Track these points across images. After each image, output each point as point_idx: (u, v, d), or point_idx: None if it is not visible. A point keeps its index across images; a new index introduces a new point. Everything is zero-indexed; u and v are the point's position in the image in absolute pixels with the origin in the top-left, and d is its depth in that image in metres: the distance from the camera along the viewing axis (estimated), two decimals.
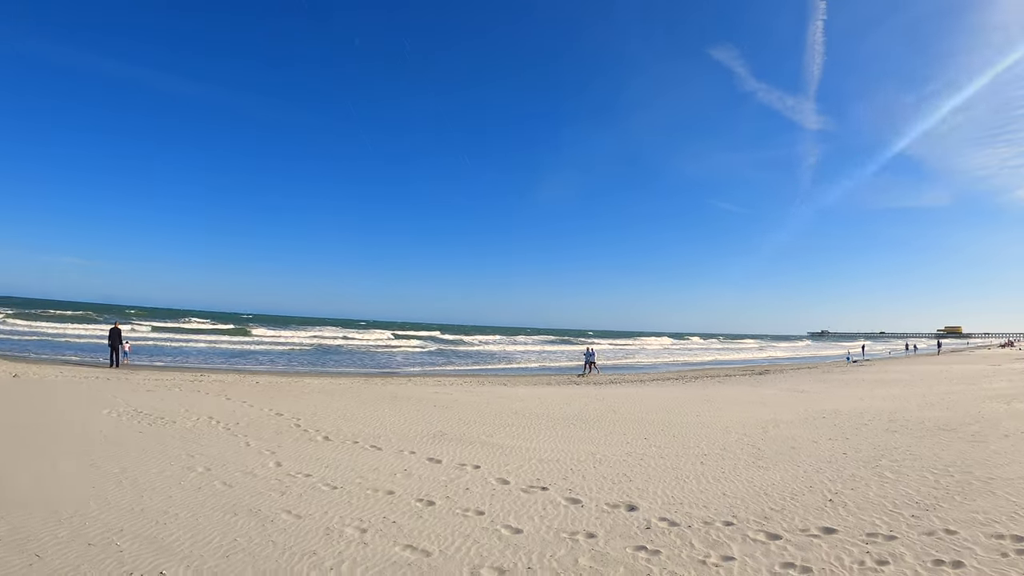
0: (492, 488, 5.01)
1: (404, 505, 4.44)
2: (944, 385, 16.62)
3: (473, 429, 8.03)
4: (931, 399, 12.92)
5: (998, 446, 7.18)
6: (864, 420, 9.74)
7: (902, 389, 15.65)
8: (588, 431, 8.27)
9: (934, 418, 9.81)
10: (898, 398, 13.35)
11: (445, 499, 4.63)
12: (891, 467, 6.25)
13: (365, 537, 3.71)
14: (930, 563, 3.65)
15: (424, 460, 6.00)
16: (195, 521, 3.84)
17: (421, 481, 5.15)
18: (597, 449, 6.93)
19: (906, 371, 23.16)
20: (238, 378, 14.96)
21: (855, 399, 13.22)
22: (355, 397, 11.22)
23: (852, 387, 16.64)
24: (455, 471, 5.59)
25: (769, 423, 9.34)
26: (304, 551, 3.44)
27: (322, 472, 5.33)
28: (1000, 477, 5.63)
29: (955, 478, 5.68)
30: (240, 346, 31.21)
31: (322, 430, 7.40)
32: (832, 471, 6.03)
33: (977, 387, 15.61)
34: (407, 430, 7.78)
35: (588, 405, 11.24)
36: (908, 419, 9.78)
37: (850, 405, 11.96)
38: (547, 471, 5.71)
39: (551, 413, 9.93)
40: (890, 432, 8.53)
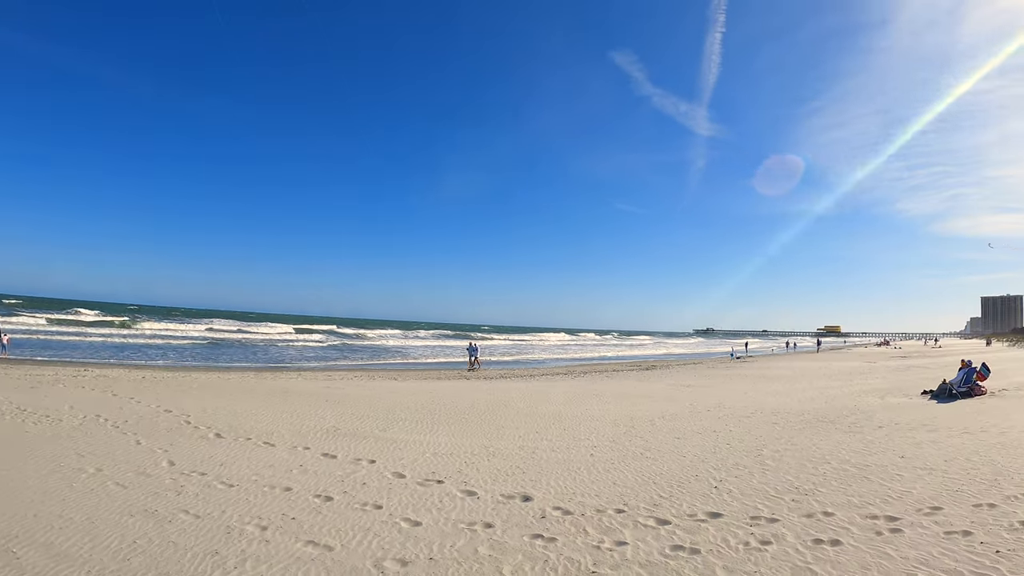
0: (389, 482, 6.31)
1: (302, 501, 5.52)
2: (823, 381, 21.78)
3: (366, 424, 10.01)
4: (810, 394, 16.81)
5: (872, 436, 9.58)
6: (747, 413, 12.37)
7: (783, 384, 20.14)
8: (480, 425, 10.36)
9: (813, 411, 12.76)
10: (779, 393, 17.11)
11: (343, 494, 5.79)
12: (772, 456, 8.04)
13: (266, 535, 4.62)
14: (810, 542, 4.70)
15: (319, 456, 7.48)
16: (91, 525, 4.70)
17: (317, 477, 6.43)
18: (490, 443, 8.67)
19: (787, 367, 30.35)
20: (123, 373, 17.68)
21: (739, 393, 16.71)
22: (246, 393, 13.62)
23: (736, 382, 21.10)
24: (351, 466, 6.99)
25: (656, 416, 11.62)
26: (206, 551, 4.27)
27: (217, 470, 6.58)
28: (874, 464, 7.50)
29: (832, 465, 7.45)
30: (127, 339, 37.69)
31: (214, 427, 9.16)
32: (717, 460, 7.66)
33: (854, 383, 20.66)
34: (300, 425, 9.69)
35: (480, 399, 13.89)
36: (789, 412, 12.62)
37: (734, 399, 15.11)
38: (442, 464, 7.18)
39: (443, 407, 12.26)
40: (772, 424, 10.96)
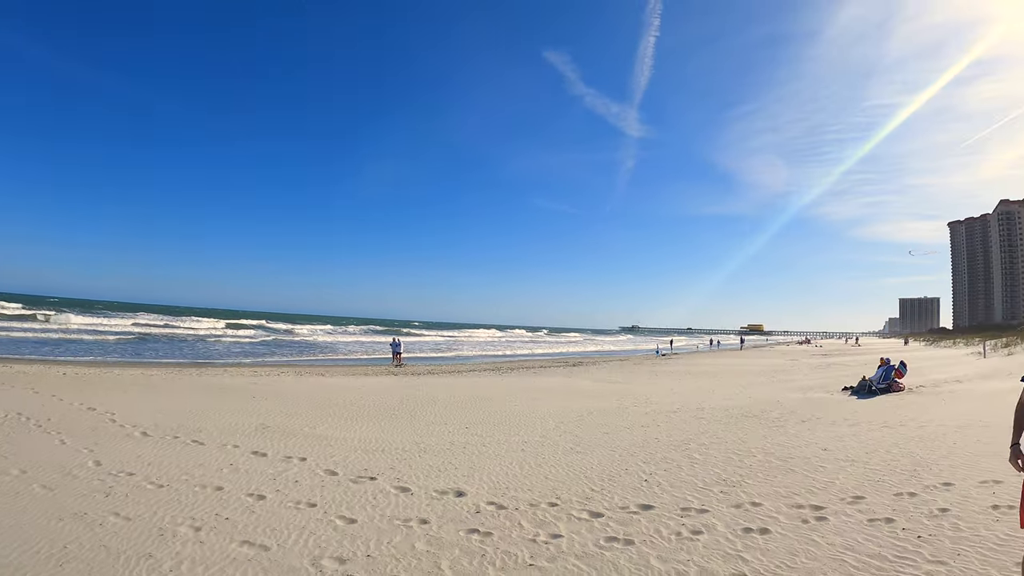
0: (321, 480, 7.11)
1: (235, 500, 6.13)
2: (747, 377, 24.95)
3: (295, 421, 11.33)
4: (735, 390, 19.27)
5: (796, 430, 11.12)
6: (673, 409, 14.22)
7: (708, 381, 23.06)
8: (410, 421, 11.85)
9: (737, 407, 14.64)
10: (704, 389, 19.52)
11: (275, 492, 6.50)
12: (700, 450, 9.29)
13: (200, 535, 5.12)
14: (740, 531, 5.58)
15: (249, 454, 8.37)
16: (19, 530, 5.13)
17: (249, 475, 7.19)
18: (420, 439, 9.94)
19: (712, 365, 35.34)
20: (44, 369, 19.59)
21: (665, 390, 19.09)
22: (172, 389, 15.50)
23: (662, 378, 24.03)
24: (282, 464, 7.87)
25: (584, 412, 13.52)
26: (140, 554, 4.72)
27: (145, 470, 7.31)
28: (798, 456, 8.79)
29: (758, 458, 8.67)
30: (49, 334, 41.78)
31: (140, 425, 10.24)
32: (646, 455, 8.90)
33: (776, 379, 23.88)
34: (228, 423, 10.87)
35: (408, 395, 16.15)
36: (714, 408, 14.45)
37: (660, 395, 17.28)
38: (373, 461, 8.15)
39: (372, 404, 14.22)
40: (698, 419, 12.56)
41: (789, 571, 4.64)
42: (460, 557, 4.86)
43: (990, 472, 7.35)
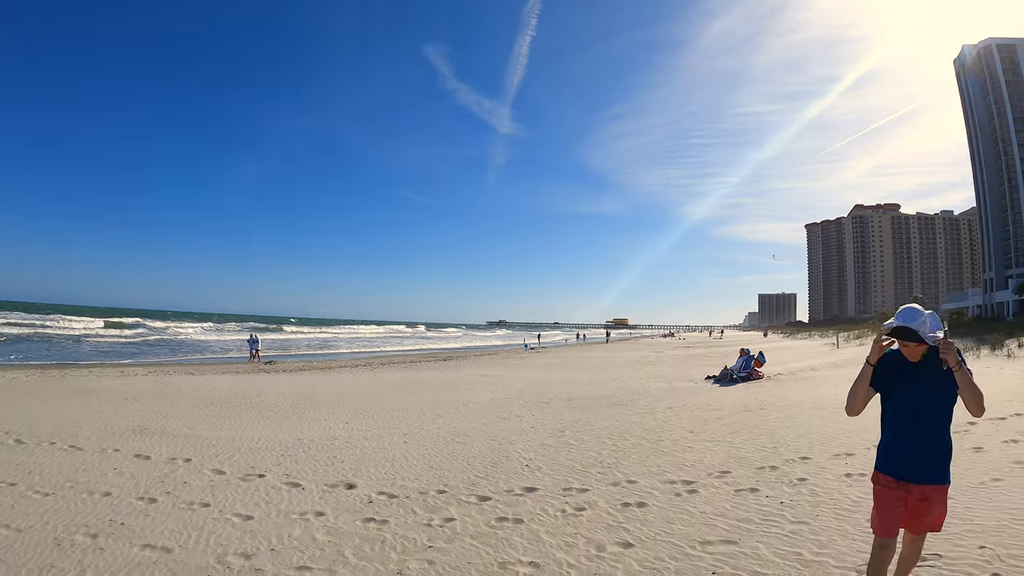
0: (210, 480, 7.28)
1: (126, 505, 6.25)
2: (614, 369, 26.60)
3: (172, 422, 11.43)
4: (603, 380, 20.62)
5: (663, 416, 12.03)
6: (546, 399, 15.09)
7: (577, 372, 24.65)
8: (288, 418, 12.19)
9: (607, 396, 15.70)
10: (574, 380, 20.79)
11: (166, 495, 6.64)
12: (575, 436, 9.94)
13: (99, 542, 5.19)
14: (619, 506, 6.07)
15: (131, 457, 8.45)
16: None
17: (135, 479, 7.30)
18: (302, 435, 10.29)
19: (580, 357, 37.72)
20: None
21: (536, 381, 20.24)
22: (44, 392, 15.50)
23: (532, 371, 25.52)
24: (167, 466, 7.99)
25: (461, 404, 14.25)
26: (41, 565, 4.75)
27: (27, 479, 7.30)
28: (667, 439, 9.57)
29: (630, 442, 9.37)
30: None
31: (12, 432, 10.06)
32: (524, 442, 9.50)
33: (643, 370, 25.67)
34: (104, 426, 10.89)
35: (284, 392, 16.78)
36: (584, 397, 15.45)
37: (532, 387, 18.32)
38: (259, 459, 8.45)
39: (249, 402, 14.61)
40: (570, 408, 13.39)
41: (667, 536, 5.10)
42: (361, 544, 5.10)
43: (842, 447, 8.35)
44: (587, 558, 4.73)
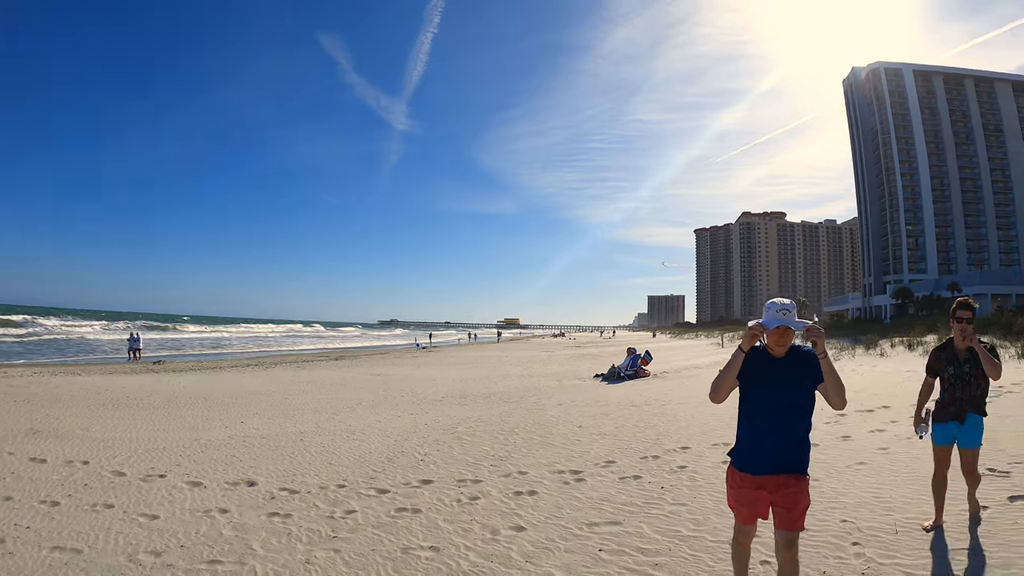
0: (111, 481, 7.33)
1: (29, 509, 6.25)
2: (505, 367, 27.52)
3: (65, 423, 11.36)
4: (495, 378, 21.34)
5: (553, 412, 12.66)
6: (438, 397, 15.56)
7: (469, 371, 25.39)
8: (183, 418, 12.27)
9: (498, 393, 16.33)
10: (466, 378, 21.43)
11: (68, 497, 6.65)
12: (467, 432, 10.37)
13: (7, 547, 5.18)
14: (511, 494, 6.49)
15: (27, 460, 8.38)
16: None
17: (35, 483, 7.28)
18: (199, 435, 10.44)
19: (471, 356, 38.79)
20: None
21: (428, 380, 20.77)
22: None
23: (425, 369, 26.22)
24: (65, 469, 7.97)
25: (354, 402, 14.56)
26: None
27: None
28: (556, 433, 10.14)
29: (520, 436, 9.89)
30: None
31: None
32: (418, 439, 9.88)
33: (534, 368, 26.75)
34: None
35: (176, 392, 16.82)
36: (476, 395, 16.00)
37: (424, 385, 18.81)
38: (158, 459, 8.53)
39: (140, 402, 14.46)
40: (462, 405, 13.88)
41: (557, 520, 5.57)
42: (268, 538, 5.30)
43: (720, 437, 9.17)
44: (483, 541, 5.11)
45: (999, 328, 24.60)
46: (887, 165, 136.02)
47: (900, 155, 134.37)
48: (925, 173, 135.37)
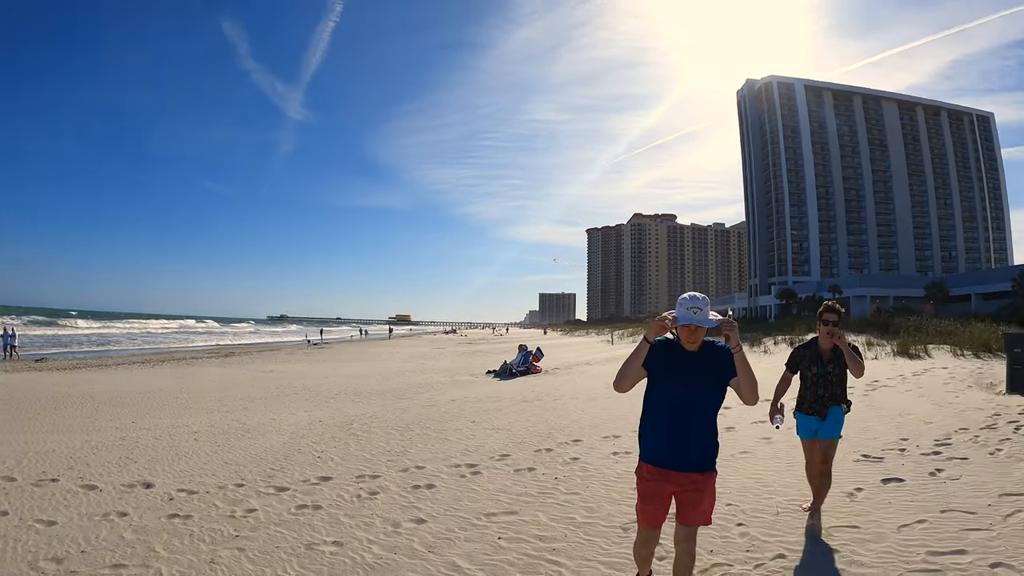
0: (2, 487, 7.16)
1: None
2: (398, 364, 27.99)
3: None
4: (388, 375, 21.69)
5: (447, 408, 12.99)
6: (332, 393, 15.77)
7: (362, 367, 25.81)
8: (72, 419, 12.01)
9: (392, 389, 16.59)
10: (359, 375, 21.76)
11: None
12: (363, 428, 10.57)
13: None
14: (410, 488, 6.75)
15: None
16: None
17: None
18: (89, 436, 10.30)
19: (363, 352, 39.64)
20: None
21: (320, 377, 21.08)
22: None
23: (316, 366, 26.50)
24: None
25: (246, 399, 14.63)
26: None
27: None
28: (451, 428, 10.48)
29: (416, 432, 10.15)
30: None
31: None
32: (314, 436, 10.02)
33: (426, 365, 27.26)
34: None
35: (61, 392, 16.41)
36: (370, 391, 16.24)
37: (317, 382, 19.01)
38: (49, 463, 8.34)
39: (22, 403, 14.11)
40: (356, 402, 14.07)
41: (456, 511, 5.88)
42: (170, 539, 5.31)
43: (610, 430, 9.77)
44: (385, 534, 5.34)
45: (876, 328, 26.85)
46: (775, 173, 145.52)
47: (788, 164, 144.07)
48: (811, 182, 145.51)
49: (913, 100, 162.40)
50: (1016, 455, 7.40)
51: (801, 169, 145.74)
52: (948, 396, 11.96)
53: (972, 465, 7.08)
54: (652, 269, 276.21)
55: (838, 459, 5.75)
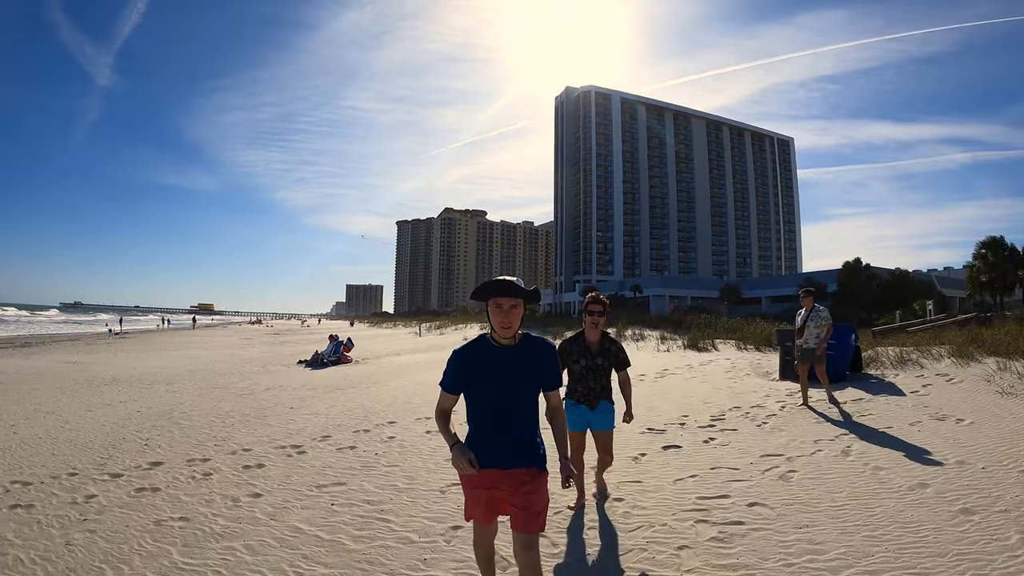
0: None
1: None
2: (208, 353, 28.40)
3: None
4: (199, 365, 21.83)
5: (263, 396, 13.49)
6: (145, 384, 15.75)
7: (172, 357, 25.88)
8: None
9: (206, 379, 16.91)
10: (170, 365, 21.74)
11: None
12: (183, 416, 10.96)
13: None
14: (241, 468, 7.40)
15: None
16: None
17: None
18: None
19: (170, 343, 39.50)
20: None
21: (129, 367, 20.70)
22: None
23: (123, 356, 26.20)
24: None
25: (57, 391, 14.35)
26: None
27: None
28: (271, 414, 11.08)
29: (236, 419, 10.68)
30: None
31: None
32: (135, 425, 10.29)
33: (236, 354, 27.73)
34: None
35: None
36: (183, 381, 16.52)
37: (127, 372, 18.79)
38: None
39: None
40: (172, 392, 14.19)
41: (288, 485, 6.66)
42: (19, 528, 5.47)
43: (423, 413, 10.87)
44: (227, 508, 5.97)
45: (671, 324, 29.96)
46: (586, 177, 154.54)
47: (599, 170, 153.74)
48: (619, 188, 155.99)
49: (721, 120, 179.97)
50: (779, 427, 9.21)
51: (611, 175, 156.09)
52: (728, 382, 13.78)
53: (740, 435, 8.86)
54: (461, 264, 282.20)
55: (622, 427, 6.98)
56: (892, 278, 69.36)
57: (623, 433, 8.05)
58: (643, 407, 10.46)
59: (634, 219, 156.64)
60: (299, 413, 11.35)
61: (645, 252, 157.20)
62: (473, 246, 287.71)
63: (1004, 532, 4.78)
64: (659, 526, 5.39)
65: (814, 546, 4.75)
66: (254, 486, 6.71)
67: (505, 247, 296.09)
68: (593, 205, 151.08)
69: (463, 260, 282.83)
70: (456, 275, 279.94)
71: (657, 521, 5.51)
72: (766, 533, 5.10)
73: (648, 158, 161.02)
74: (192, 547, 5.02)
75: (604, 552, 4.91)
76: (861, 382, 12.69)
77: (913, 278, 73.87)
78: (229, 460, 7.89)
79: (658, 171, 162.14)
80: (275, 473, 7.23)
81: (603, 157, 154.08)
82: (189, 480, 6.99)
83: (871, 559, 4.45)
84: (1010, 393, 10.03)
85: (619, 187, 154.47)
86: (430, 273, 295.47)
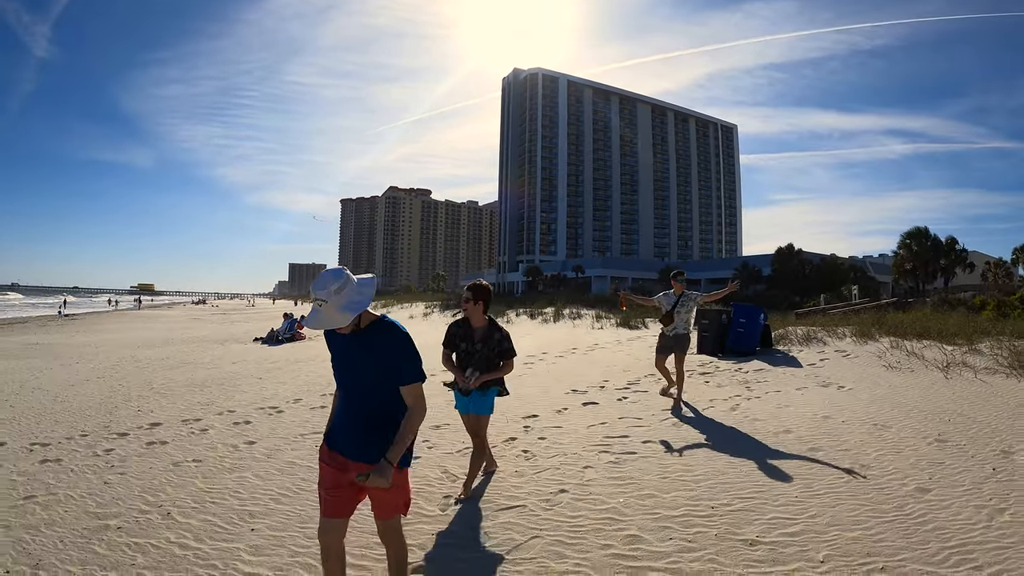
0: None
1: None
2: (164, 333, 29.24)
3: None
4: (159, 343, 22.90)
5: (231, 369, 14.67)
6: (111, 363, 16.42)
7: (129, 337, 26.62)
8: None
9: (170, 356, 18.06)
10: (129, 344, 22.70)
11: None
12: (163, 388, 12.11)
13: None
14: (231, 424, 8.71)
15: None
16: None
17: None
18: None
19: (121, 323, 39.95)
20: None
21: (90, 347, 21.51)
22: None
23: (80, 336, 26.87)
24: None
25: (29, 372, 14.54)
26: None
27: None
28: (244, 384, 12.27)
29: (213, 388, 11.85)
30: None
31: None
32: (122, 396, 11.22)
33: (192, 334, 28.75)
34: None
35: None
36: (148, 359, 17.42)
37: (91, 352, 19.64)
38: None
39: None
40: (141, 369, 15.00)
41: (275, 435, 8.02)
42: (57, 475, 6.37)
43: None
44: (229, 452, 7.26)
45: (607, 304, 31.74)
46: (531, 159, 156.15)
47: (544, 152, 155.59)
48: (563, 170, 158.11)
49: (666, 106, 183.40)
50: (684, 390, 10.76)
51: (555, 157, 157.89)
52: (649, 354, 14.43)
53: (649, 395, 10.68)
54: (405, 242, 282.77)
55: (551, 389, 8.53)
56: (823, 263, 72.83)
57: (550, 394, 9.92)
58: (572, 374, 12.20)
59: (578, 201, 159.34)
60: (268, 382, 12.69)
61: (588, 233, 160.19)
62: (418, 225, 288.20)
63: (839, 463, 6.48)
64: (571, 455, 7.08)
65: (687, 467, 6.46)
66: (247, 436, 8.03)
67: (449, 227, 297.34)
68: (538, 186, 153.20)
69: (407, 239, 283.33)
70: (400, 254, 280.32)
71: (570, 451, 7.22)
72: (652, 459, 6.82)
73: (593, 141, 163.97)
74: (211, 478, 6.29)
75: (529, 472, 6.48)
76: (767, 356, 14.66)
77: (844, 263, 77.52)
78: (219, 419, 9.12)
79: (603, 154, 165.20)
80: (261, 427, 8.56)
81: (549, 139, 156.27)
82: (190, 435, 8.13)
83: (726, 475, 6.17)
84: (895, 368, 12.05)
85: (564, 168, 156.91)
86: (374, 252, 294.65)
